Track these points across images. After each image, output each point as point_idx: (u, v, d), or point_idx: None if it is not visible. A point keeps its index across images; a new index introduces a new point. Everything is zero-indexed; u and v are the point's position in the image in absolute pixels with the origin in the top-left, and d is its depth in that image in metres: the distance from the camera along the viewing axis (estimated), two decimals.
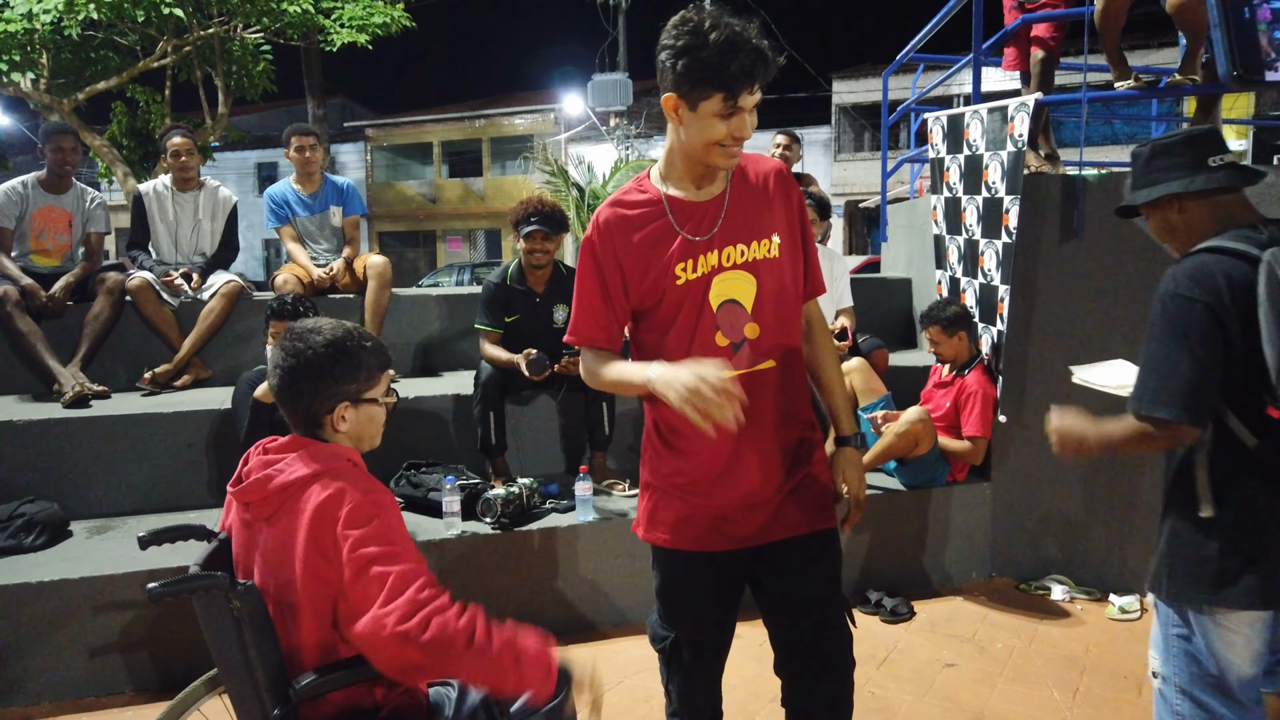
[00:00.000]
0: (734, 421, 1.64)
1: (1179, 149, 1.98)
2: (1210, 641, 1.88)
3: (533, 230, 4.10)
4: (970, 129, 4.30)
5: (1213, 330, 1.77)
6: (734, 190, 1.99)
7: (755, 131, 1.92)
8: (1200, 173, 1.93)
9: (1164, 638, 1.99)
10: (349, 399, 1.84)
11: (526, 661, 1.78)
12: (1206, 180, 1.92)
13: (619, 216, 1.99)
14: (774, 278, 1.98)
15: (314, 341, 1.82)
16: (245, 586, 1.71)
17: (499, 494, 3.74)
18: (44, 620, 3.22)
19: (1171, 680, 1.97)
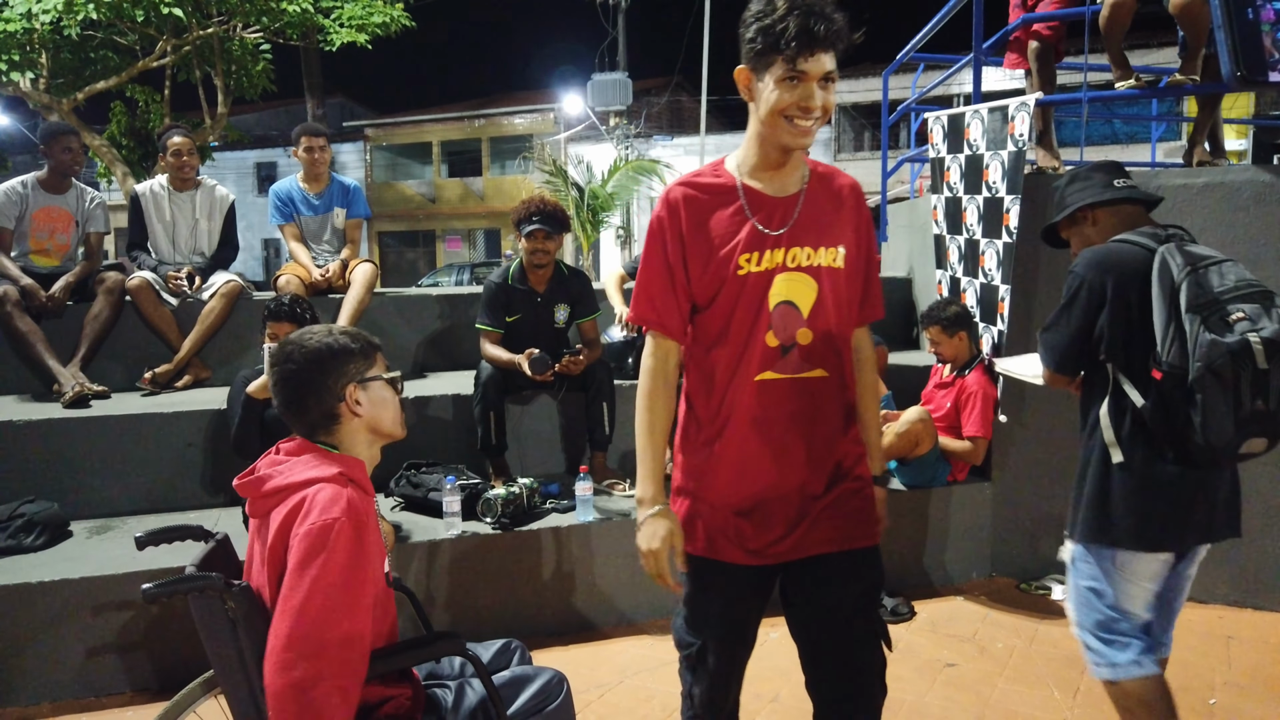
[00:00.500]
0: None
1: (1089, 175, 2.41)
2: (1114, 583, 2.25)
3: (534, 229, 4.09)
4: (971, 128, 4.30)
5: (1091, 305, 2.22)
6: (810, 191, 1.94)
7: (743, 134, 1.89)
8: (1107, 189, 2.36)
9: (1075, 589, 2.34)
10: (352, 380, 1.86)
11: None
12: (1114, 193, 2.35)
13: (690, 196, 1.93)
14: (835, 288, 1.92)
15: (296, 357, 1.84)
16: (240, 587, 1.71)
17: (499, 494, 3.74)
18: (43, 620, 3.22)
19: (1087, 624, 2.31)
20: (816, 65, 1.75)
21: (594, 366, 4.21)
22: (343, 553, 1.68)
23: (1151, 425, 2.16)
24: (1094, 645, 2.30)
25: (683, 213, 1.92)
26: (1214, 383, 2.01)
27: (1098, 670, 2.30)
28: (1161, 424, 2.14)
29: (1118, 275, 2.19)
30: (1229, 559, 3.94)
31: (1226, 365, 2.00)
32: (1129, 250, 2.20)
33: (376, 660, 1.77)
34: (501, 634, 3.67)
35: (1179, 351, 2.07)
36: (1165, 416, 2.13)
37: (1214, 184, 3.84)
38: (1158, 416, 2.14)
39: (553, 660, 3.50)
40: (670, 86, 27.56)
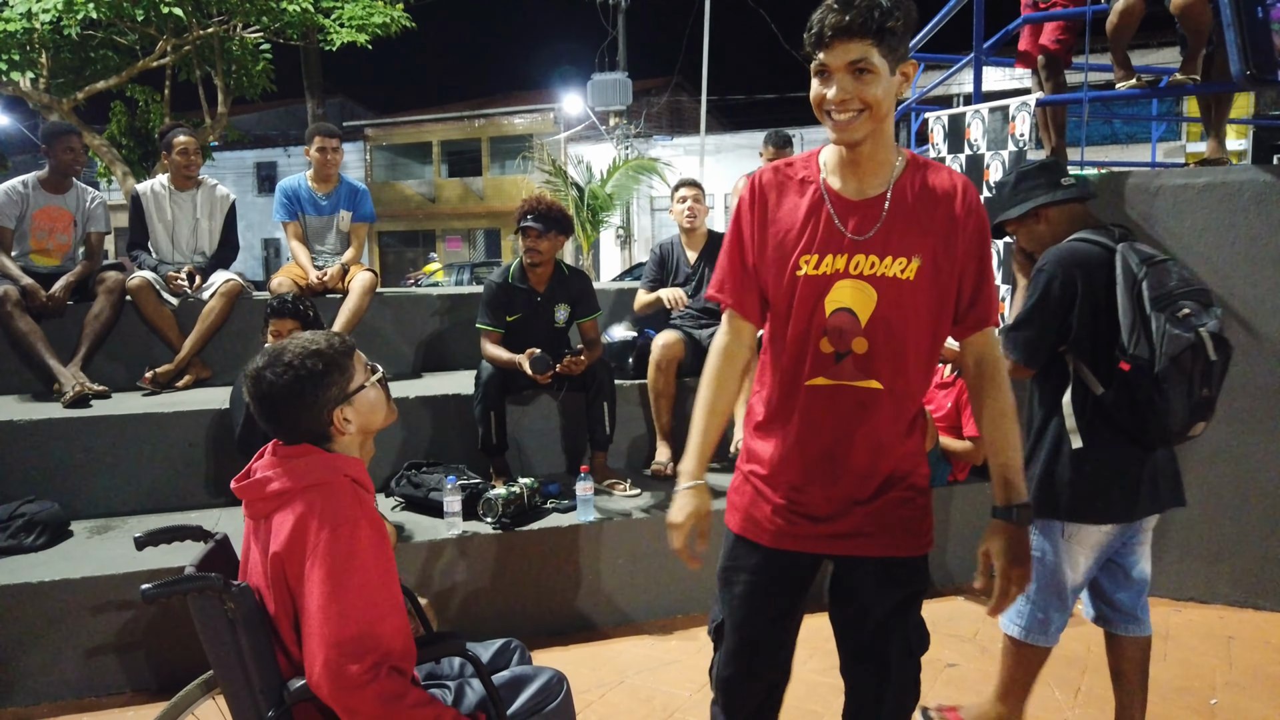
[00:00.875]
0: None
1: (1038, 174, 2.56)
2: (1059, 554, 2.48)
3: (526, 227, 4.09)
4: (971, 128, 4.30)
5: (1065, 301, 2.37)
6: (897, 195, 1.84)
7: (750, 131, 1.88)
8: (1057, 189, 2.52)
9: (1038, 563, 2.49)
10: (336, 404, 1.83)
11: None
12: (1063, 193, 2.51)
13: (775, 183, 1.92)
14: (899, 299, 1.82)
15: (270, 377, 1.79)
16: (239, 588, 1.71)
17: (500, 494, 3.74)
18: (44, 620, 3.22)
19: (1032, 596, 2.52)
20: (838, 56, 1.72)
21: (595, 366, 4.21)
22: (370, 553, 1.71)
23: (1113, 412, 2.35)
24: (1025, 612, 2.56)
25: (768, 197, 1.91)
26: (1176, 373, 2.22)
27: (1013, 628, 2.58)
28: (1124, 411, 2.32)
29: (1086, 273, 2.36)
30: (1230, 559, 3.94)
31: (1187, 357, 2.21)
32: (1092, 249, 2.39)
33: None
34: (502, 634, 3.67)
35: (1144, 344, 2.27)
36: (1129, 404, 2.31)
37: (1215, 184, 3.84)
38: (1121, 404, 2.32)
39: (553, 660, 3.50)
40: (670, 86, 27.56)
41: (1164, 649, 3.58)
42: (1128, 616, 2.65)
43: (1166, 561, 4.05)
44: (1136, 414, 2.31)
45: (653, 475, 4.41)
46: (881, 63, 1.72)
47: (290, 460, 1.79)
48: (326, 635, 1.65)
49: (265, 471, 1.79)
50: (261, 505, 1.79)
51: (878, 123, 1.78)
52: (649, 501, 4.03)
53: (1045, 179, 2.55)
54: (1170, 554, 4.03)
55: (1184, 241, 3.89)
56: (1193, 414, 2.28)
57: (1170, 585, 4.04)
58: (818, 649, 3.58)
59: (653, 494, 4.11)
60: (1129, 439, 2.38)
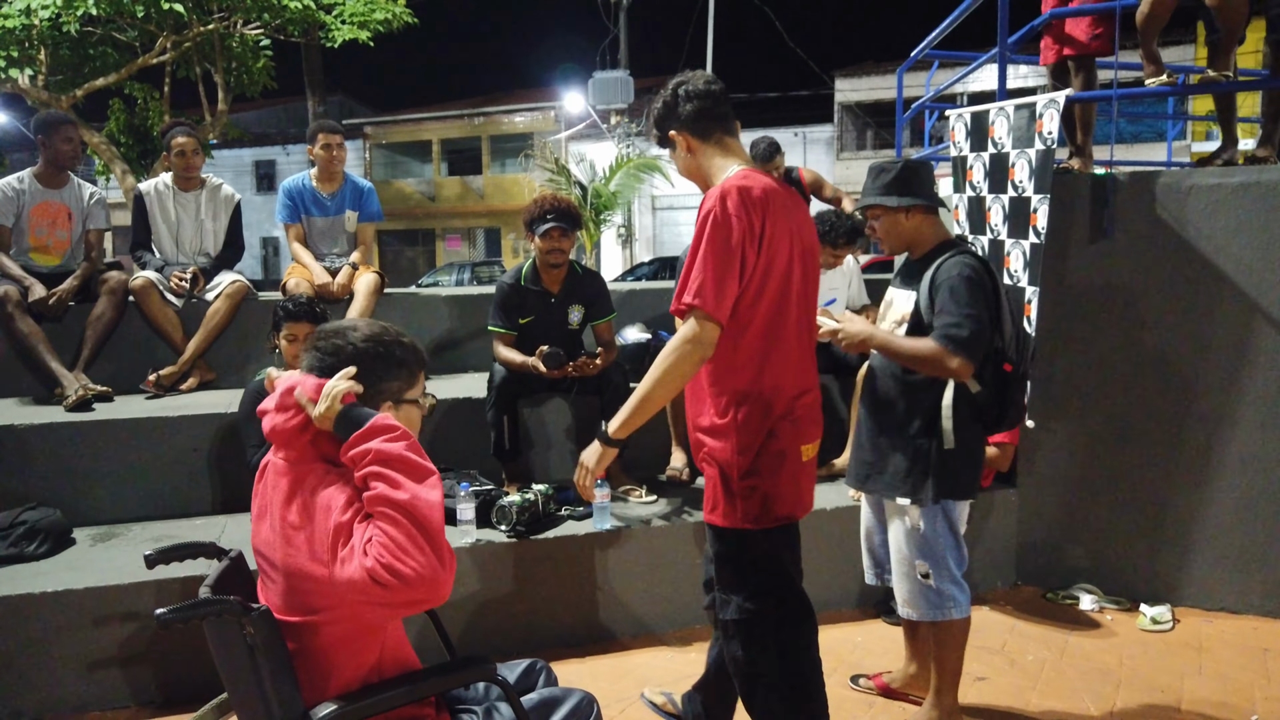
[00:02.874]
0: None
1: (920, 174, 2.77)
2: (949, 533, 2.78)
3: (550, 228, 3.98)
4: (995, 126, 4.20)
5: (991, 302, 2.61)
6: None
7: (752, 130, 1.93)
8: (930, 196, 2.76)
9: (931, 544, 2.77)
10: (391, 399, 1.77)
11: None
12: (934, 200, 2.76)
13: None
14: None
15: (352, 337, 1.76)
16: (259, 611, 1.61)
17: (514, 501, 3.63)
18: (45, 632, 3.11)
19: (943, 572, 2.77)
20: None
21: (609, 370, 4.11)
22: None
23: (986, 407, 2.69)
24: (949, 590, 2.76)
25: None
26: (1028, 371, 2.78)
27: (942, 612, 2.77)
28: (995, 406, 2.68)
29: (989, 284, 2.63)
30: (1262, 568, 3.84)
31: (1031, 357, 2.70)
32: (981, 262, 2.66)
33: (403, 688, 1.68)
34: (518, 645, 3.60)
35: (1018, 349, 2.67)
36: (999, 400, 2.67)
37: (1249, 184, 3.74)
38: (994, 401, 2.68)
39: (571, 672, 3.41)
40: None
41: (1199, 661, 3.49)
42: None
43: (1196, 571, 3.96)
44: (1001, 408, 2.70)
45: (668, 480, 4.31)
46: (678, 138, 2.41)
47: None
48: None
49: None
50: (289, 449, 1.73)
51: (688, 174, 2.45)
52: (666, 508, 3.93)
53: (924, 181, 2.76)
54: (1200, 563, 3.94)
55: (1216, 242, 3.79)
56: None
57: (1200, 595, 3.94)
58: (843, 660, 3.50)
59: (669, 500, 4.01)
60: (986, 429, 2.79)
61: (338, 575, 1.57)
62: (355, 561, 1.55)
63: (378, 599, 1.55)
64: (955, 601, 2.78)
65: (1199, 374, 3.88)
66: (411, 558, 1.54)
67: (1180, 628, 3.79)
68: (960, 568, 2.81)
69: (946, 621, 2.79)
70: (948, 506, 2.77)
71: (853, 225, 4.54)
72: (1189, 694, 3.25)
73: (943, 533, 2.77)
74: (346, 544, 1.58)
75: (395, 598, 1.55)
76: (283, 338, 3.50)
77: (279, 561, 1.65)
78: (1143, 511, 4.04)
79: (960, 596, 2.78)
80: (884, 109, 23.27)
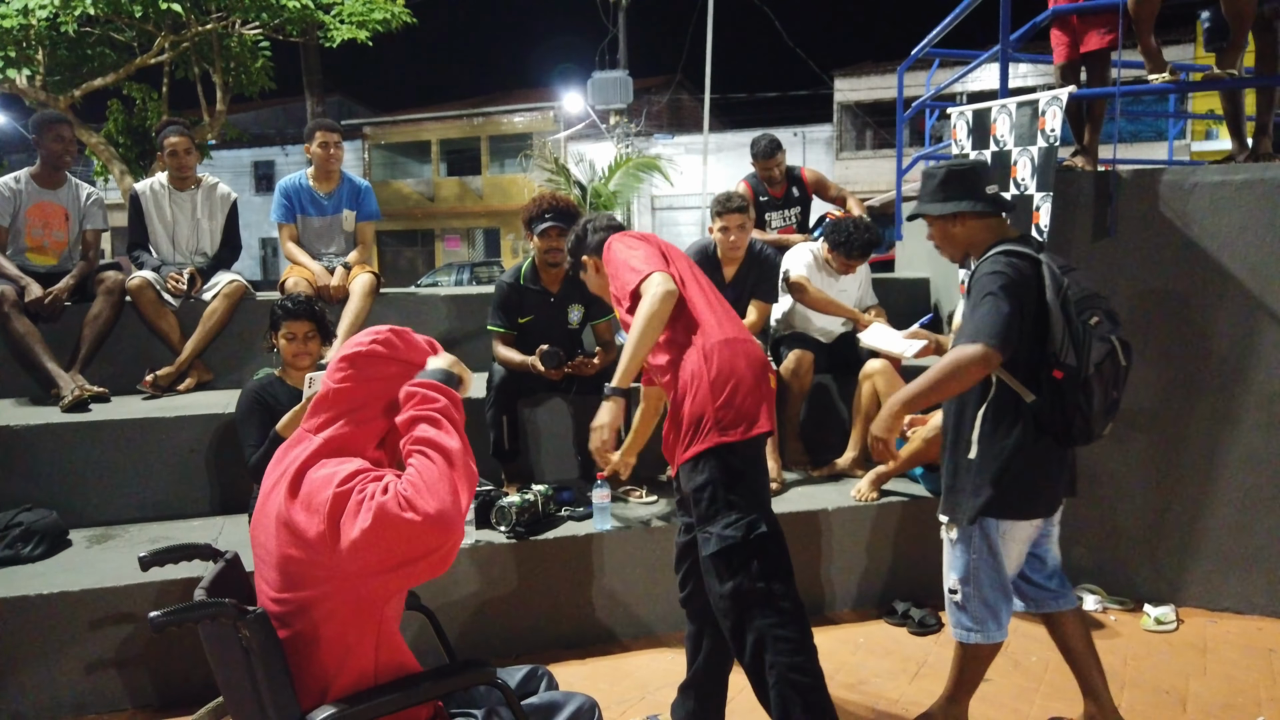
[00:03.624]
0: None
1: (967, 176, 2.61)
2: (997, 553, 2.59)
3: (548, 227, 3.96)
4: (998, 124, 4.17)
5: (1019, 296, 2.42)
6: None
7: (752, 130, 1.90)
8: (980, 199, 2.59)
9: (965, 563, 2.63)
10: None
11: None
12: (984, 205, 2.59)
13: None
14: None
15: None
16: (255, 614, 1.58)
17: (514, 502, 3.61)
18: (42, 635, 3.09)
19: (971, 594, 2.62)
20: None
21: (608, 369, 4.08)
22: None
23: (1042, 417, 2.48)
24: (980, 614, 2.62)
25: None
26: (1099, 379, 2.41)
27: (971, 635, 2.65)
28: (1056, 415, 2.46)
29: (1026, 280, 2.45)
30: (1267, 568, 3.82)
31: (1107, 363, 2.40)
32: (1022, 261, 2.47)
33: (402, 692, 1.65)
34: (517, 647, 3.57)
35: (1073, 353, 2.40)
36: (1060, 408, 2.44)
37: (1253, 181, 3.72)
38: (1051, 409, 2.46)
39: (571, 674, 3.39)
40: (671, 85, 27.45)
41: (1203, 662, 3.46)
42: (1056, 594, 2.78)
43: (1201, 571, 3.93)
44: (1065, 418, 2.46)
45: (668, 480, 4.27)
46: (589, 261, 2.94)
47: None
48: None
49: None
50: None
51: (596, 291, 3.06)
52: (666, 508, 3.90)
53: (972, 183, 2.62)
54: (1204, 563, 3.92)
55: (1221, 240, 3.77)
56: (1106, 415, 2.48)
57: (1205, 595, 3.92)
58: (843, 664, 3.48)
59: (669, 501, 3.98)
60: (1055, 440, 2.53)
61: (341, 542, 1.54)
62: (361, 513, 1.53)
63: (383, 547, 1.52)
64: (982, 626, 2.64)
65: (1202, 372, 3.86)
66: (435, 496, 1.54)
67: (1184, 628, 3.76)
68: (997, 591, 2.62)
69: (975, 645, 2.68)
70: (986, 526, 2.59)
71: (869, 239, 4.48)
72: (1194, 695, 3.23)
73: (979, 551, 2.61)
74: (345, 506, 1.55)
75: (400, 544, 1.53)
76: (281, 336, 3.47)
77: (272, 535, 1.62)
78: (1146, 511, 4.01)
79: (989, 622, 2.64)
80: (884, 108, 23.25)
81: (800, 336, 4.56)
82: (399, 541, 1.53)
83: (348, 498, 1.56)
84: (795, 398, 4.39)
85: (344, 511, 1.55)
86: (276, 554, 1.62)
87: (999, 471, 2.52)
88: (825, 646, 2.46)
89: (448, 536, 1.55)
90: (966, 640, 2.68)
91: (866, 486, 4.02)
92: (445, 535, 1.54)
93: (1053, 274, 2.45)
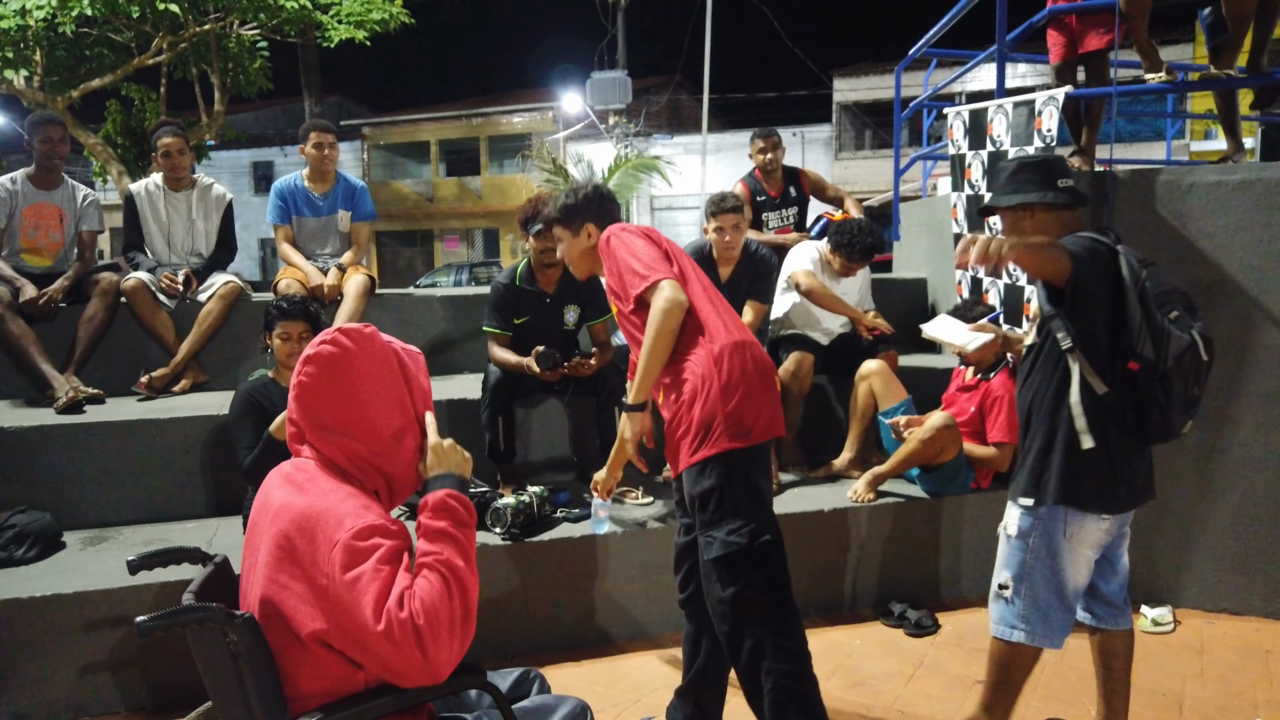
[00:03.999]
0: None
1: (1038, 169, 2.54)
2: (1061, 554, 2.45)
3: (542, 229, 3.95)
4: (994, 124, 4.17)
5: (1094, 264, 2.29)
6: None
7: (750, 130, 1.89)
8: (1051, 190, 2.49)
9: (1020, 561, 2.50)
10: None
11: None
12: (1055, 196, 2.49)
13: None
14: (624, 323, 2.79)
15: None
16: (242, 619, 1.56)
17: (509, 503, 3.60)
18: (35, 637, 3.08)
19: (1023, 591, 2.48)
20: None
21: (605, 370, 4.08)
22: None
23: (1118, 411, 2.37)
24: (1028, 612, 2.48)
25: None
26: (1178, 373, 2.31)
27: (1013, 633, 2.51)
28: (1130, 409, 2.36)
29: (1102, 259, 2.33)
30: (1265, 569, 3.81)
31: (1187, 357, 2.31)
32: (1100, 248, 2.35)
33: (391, 696, 1.64)
34: (512, 649, 3.56)
35: (1150, 345, 2.30)
36: (1134, 403, 2.34)
37: (1250, 181, 3.71)
38: (1126, 403, 2.35)
39: (566, 677, 3.38)
40: (670, 85, 27.43)
41: (1200, 664, 3.46)
42: (1116, 610, 2.68)
43: (1198, 572, 3.92)
44: (1140, 412, 2.36)
45: (665, 482, 4.27)
46: (563, 233, 2.87)
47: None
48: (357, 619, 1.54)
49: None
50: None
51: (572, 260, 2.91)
52: (662, 510, 3.89)
53: (1043, 175, 2.53)
54: (1202, 564, 3.91)
55: (1217, 240, 3.76)
56: (1185, 412, 2.38)
57: (1202, 597, 3.91)
58: (839, 666, 3.47)
59: (665, 502, 3.97)
60: (1134, 437, 2.42)
61: (342, 594, 1.51)
62: (371, 603, 1.49)
63: (373, 650, 1.50)
64: (1028, 624, 2.50)
65: None
66: (444, 646, 1.52)
67: (1181, 629, 3.76)
68: (1051, 594, 2.48)
69: (1017, 645, 2.53)
70: (1051, 526, 2.46)
71: (872, 243, 4.47)
72: (1190, 696, 3.22)
73: (1037, 551, 2.47)
74: (357, 571, 1.52)
75: (389, 657, 1.50)
76: (276, 336, 3.46)
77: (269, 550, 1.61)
78: (1143, 512, 3.96)
79: (1037, 622, 2.49)
80: (882, 109, 23.23)
81: (800, 338, 4.54)
82: (391, 655, 1.51)
83: (360, 561, 1.52)
84: (794, 400, 4.37)
85: (355, 578, 1.51)
86: (267, 564, 1.60)
87: (1076, 463, 2.41)
88: (821, 648, 2.45)
89: (428, 682, 1.54)
90: (1008, 637, 2.53)
91: (863, 487, 4.01)
92: (427, 680, 1.54)
93: (1129, 264, 2.33)
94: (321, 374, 1.69)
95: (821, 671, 2.54)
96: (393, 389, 1.74)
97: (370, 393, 1.71)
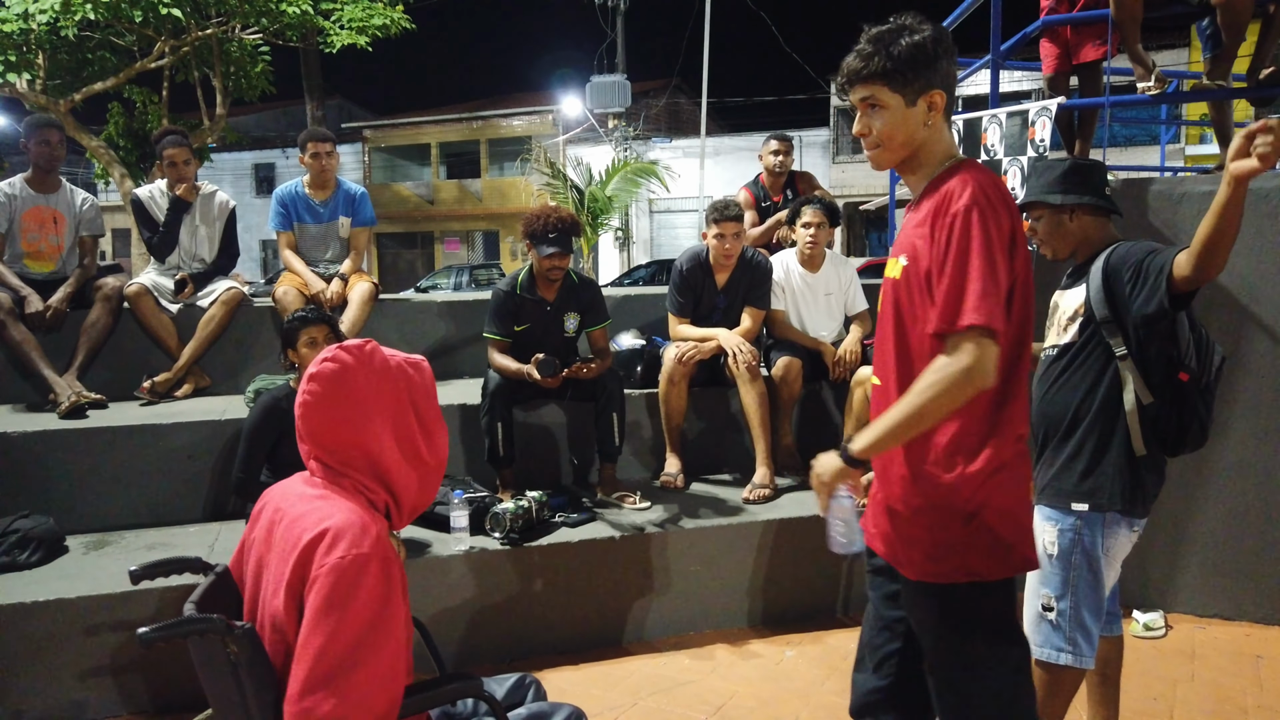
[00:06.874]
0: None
1: (1090, 172, 2.55)
2: (1100, 564, 2.40)
3: (553, 252, 3.97)
4: (988, 133, 4.21)
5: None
6: (916, 203, 1.92)
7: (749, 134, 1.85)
8: (1100, 195, 2.51)
9: (1063, 579, 2.42)
10: None
11: None
12: (1104, 201, 2.51)
13: None
14: (895, 299, 1.91)
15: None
16: (243, 629, 1.59)
17: (508, 508, 3.64)
18: (37, 641, 3.11)
19: (1067, 611, 2.41)
20: (856, 95, 1.91)
21: (604, 376, 4.11)
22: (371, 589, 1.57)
23: (1160, 421, 2.38)
24: (1074, 634, 2.41)
25: None
26: (1215, 385, 2.40)
27: (1061, 655, 2.42)
28: (1173, 420, 2.37)
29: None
30: (1256, 575, 3.84)
31: (1222, 371, 2.41)
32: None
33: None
34: (511, 653, 3.60)
35: (1197, 357, 2.35)
36: (1178, 413, 2.36)
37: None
38: (1169, 413, 2.36)
39: (564, 680, 3.41)
40: (669, 88, 27.49)
41: (1190, 669, 3.49)
42: (1116, 616, 2.70)
43: (1190, 577, 3.96)
44: (1182, 423, 2.37)
45: (662, 487, 4.31)
46: (893, 98, 1.84)
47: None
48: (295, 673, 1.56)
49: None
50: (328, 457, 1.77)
51: (895, 151, 1.90)
52: (660, 515, 3.93)
53: (1095, 181, 2.55)
54: (1194, 570, 3.94)
55: None
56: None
57: (1194, 602, 3.94)
58: (835, 669, 3.49)
59: (664, 507, 4.01)
60: (1164, 446, 2.44)
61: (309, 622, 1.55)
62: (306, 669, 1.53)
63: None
64: (1075, 647, 2.40)
65: None
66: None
67: (1173, 634, 3.79)
68: (1093, 610, 2.41)
69: (1062, 667, 2.43)
70: (1089, 533, 2.39)
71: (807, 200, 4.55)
72: (1181, 701, 3.26)
73: (1079, 568, 2.39)
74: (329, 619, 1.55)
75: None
76: (303, 345, 3.48)
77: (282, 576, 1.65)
78: None
79: (1083, 643, 2.41)
80: None
81: (788, 343, 4.57)
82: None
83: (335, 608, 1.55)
84: (786, 403, 4.41)
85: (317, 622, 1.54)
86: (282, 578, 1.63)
87: (1125, 469, 2.38)
88: (822, 653, 2.45)
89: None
90: (1055, 660, 2.41)
91: (861, 492, 4.03)
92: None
93: None
94: (324, 390, 1.71)
95: (818, 675, 2.55)
96: (394, 404, 1.76)
97: (371, 408, 1.73)
